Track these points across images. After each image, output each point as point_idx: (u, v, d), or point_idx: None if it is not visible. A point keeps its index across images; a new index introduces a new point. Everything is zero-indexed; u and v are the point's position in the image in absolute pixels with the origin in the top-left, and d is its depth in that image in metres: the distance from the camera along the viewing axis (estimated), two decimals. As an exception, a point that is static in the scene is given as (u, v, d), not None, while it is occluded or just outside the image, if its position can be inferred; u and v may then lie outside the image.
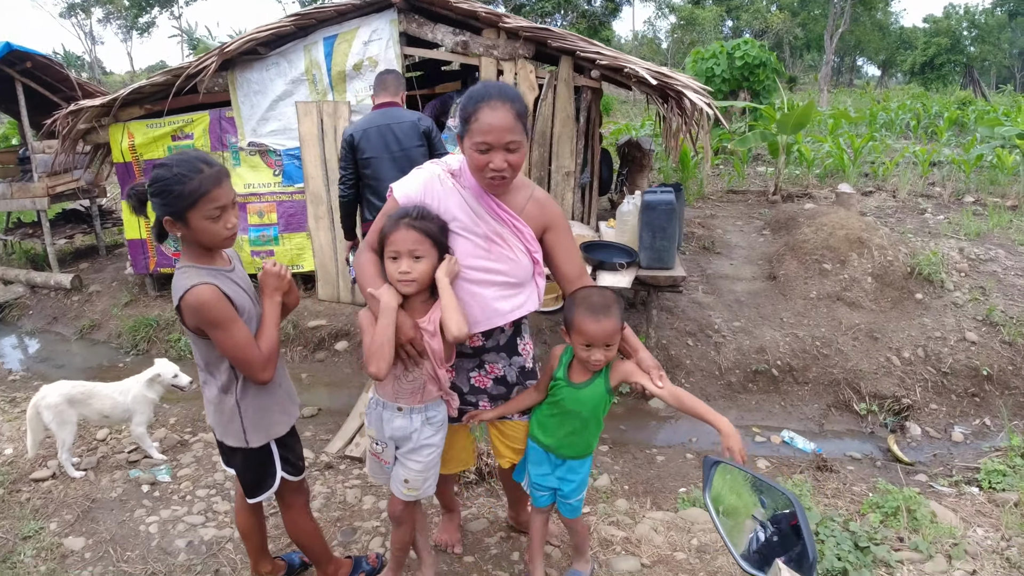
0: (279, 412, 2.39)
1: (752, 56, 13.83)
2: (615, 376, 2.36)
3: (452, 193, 2.30)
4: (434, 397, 2.38)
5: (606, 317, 2.23)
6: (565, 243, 2.42)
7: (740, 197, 9.59)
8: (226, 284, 2.16)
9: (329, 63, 5.79)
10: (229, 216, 2.12)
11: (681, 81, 5.10)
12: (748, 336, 5.49)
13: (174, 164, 2.04)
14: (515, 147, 2.15)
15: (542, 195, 2.42)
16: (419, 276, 2.16)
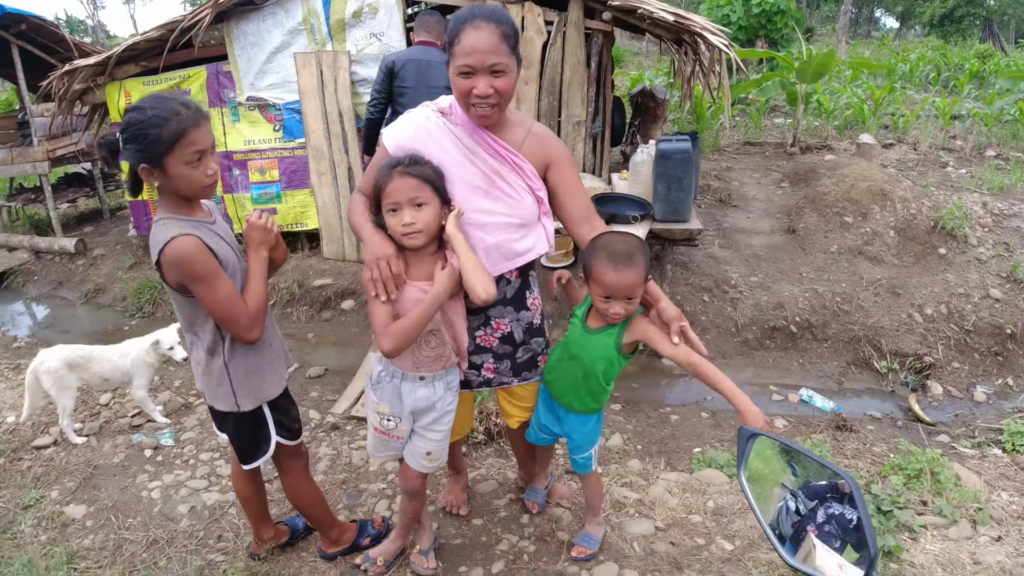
0: (270, 372, 2.26)
1: (770, 3, 13.38)
2: (630, 333, 2.17)
3: (444, 133, 2.13)
4: (454, 362, 2.26)
5: (628, 267, 2.04)
6: (570, 181, 2.23)
7: (757, 149, 9.30)
8: (208, 236, 2.02)
9: (327, 11, 5.55)
10: (209, 161, 1.97)
11: (699, 23, 4.84)
12: (766, 292, 5.31)
13: (148, 106, 1.88)
14: (501, 70, 1.96)
15: (542, 129, 2.24)
16: (425, 226, 2.01)
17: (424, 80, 4.55)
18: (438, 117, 2.17)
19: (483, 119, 2.06)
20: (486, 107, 2.00)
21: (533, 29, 5.19)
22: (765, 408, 4.43)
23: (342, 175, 5.90)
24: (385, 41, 5.53)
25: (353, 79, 5.68)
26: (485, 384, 2.46)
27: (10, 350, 5.84)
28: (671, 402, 4.47)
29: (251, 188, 6.28)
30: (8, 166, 7.86)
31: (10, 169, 7.92)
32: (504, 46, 1.94)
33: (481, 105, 2.00)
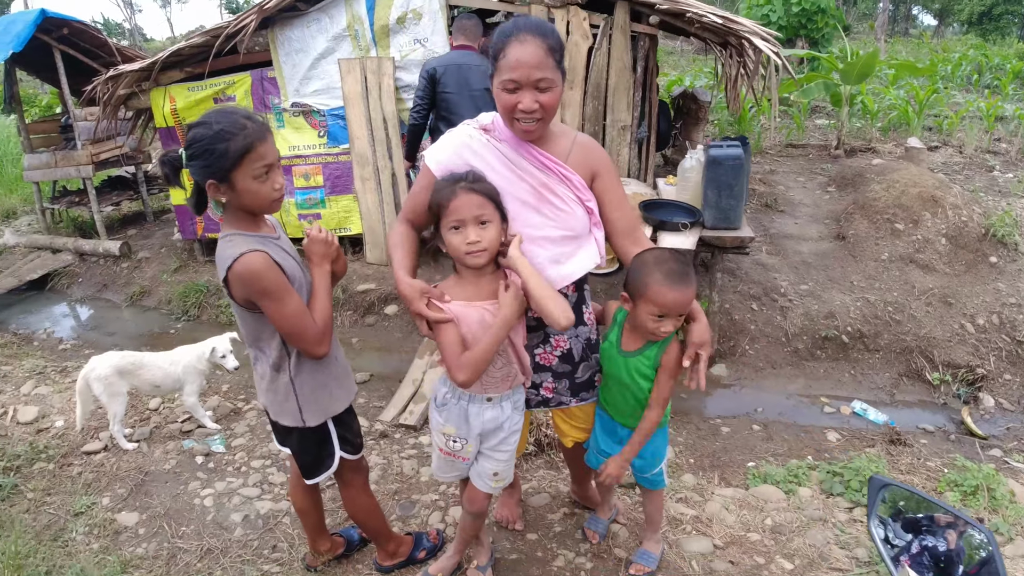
0: (336, 388, 2.24)
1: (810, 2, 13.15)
2: (668, 357, 2.16)
3: (487, 149, 2.09)
4: (520, 381, 2.22)
5: (686, 285, 2.03)
6: (615, 191, 2.19)
7: (800, 151, 9.14)
8: (275, 251, 2.00)
9: (372, 17, 5.54)
10: (276, 175, 1.95)
11: (747, 26, 4.75)
12: (816, 300, 5.19)
13: (214, 121, 1.86)
14: (546, 85, 1.92)
15: (585, 139, 2.19)
16: (490, 244, 1.96)
17: (466, 84, 4.63)
18: (480, 134, 2.13)
19: (527, 134, 2.03)
20: (531, 122, 1.97)
21: (578, 34, 5.13)
22: (816, 420, 4.34)
23: (386, 181, 5.90)
24: (429, 47, 5.51)
25: (397, 85, 5.67)
26: (543, 404, 2.42)
27: (56, 352, 5.91)
28: (721, 413, 4.38)
29: (295, 193, 6.30)
30: (52, 169, 7.99)
31: (54, 172, 8.05)
32: (550, 60, 1.91)
33: (526, 120, 1.97)
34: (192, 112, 6.38)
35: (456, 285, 2.07)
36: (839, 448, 4.08)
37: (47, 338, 6.31)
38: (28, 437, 3.96)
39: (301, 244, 2.15)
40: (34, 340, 6.26)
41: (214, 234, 6.82)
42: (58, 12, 7.33)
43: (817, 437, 4.18)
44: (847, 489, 3.31)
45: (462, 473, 2.38)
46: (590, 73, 5.23)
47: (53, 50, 7.45)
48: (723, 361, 4.80)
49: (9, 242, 8.43)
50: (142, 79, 6.33)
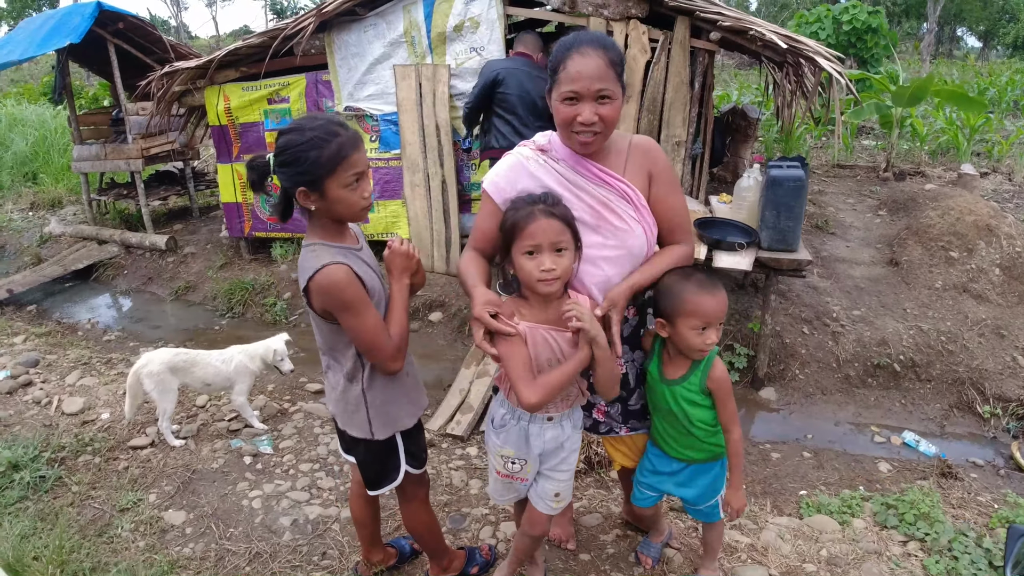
0: (407, 403, 2.21)
1: (861, 21, 12.97)
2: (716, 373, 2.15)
3: (545, 171, 2.06)
4: (579, 401, 2.19)
5: (720, 291, 2.07)
6: (667, 191, 2.13)
7: (848, 172, 9.01)
8: (357, 264, 1.98)
9: (429, 24, 5.55)
10: (365, 184, 1.93)
11: (811, 46, 4.67)
12: (868, 327, 5.07)
13: (307, 128, 1.84)
14: (607, 96, 1.89)
15: (641, 140, 2.14)
16: (563, 272, 1.92)
17: (526, 89, 4.75)
18: (537, 155, 2.10)
19: (585, 147, 1.99)
20: (589, 135, 1.94)
21: (637, 47, 5.08)
22: (867, 450, 4.24)
23: (435, 188, 5.89)
24: (485, 55, 5.49)
25: (451, 92, 5.66)
26: (593, 429, 2.39)
27: (101, 343, 5.98)
28: (770, 438, 4.29)
29: (345, 196, 6.31)
30: (101, 161, 8.12)
31: (103, 164, 8.18)
32: (611, 72, 1.89)
33: (584, 133, 1.94)
34: (245, 111, 6.44)
35: (521, 306, 2.02)
36: (890, 479, 3.98)
37: (91, 328, 6.39)
38: (74, 429, 3.99)
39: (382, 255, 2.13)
40: (78, 330, 6.35)
41: (261, 233, 6.88)
42: (115, 6, 7.45)
43: (868, 467, 4.08)
44: (901, 522, 3.23)
45: (520, 495, 2.33)
46: (647, 87, 5.18)
47: (107, 43, 7.56)
48: (772, 384, 4.71)
49: (55, 231, 8.58)
50: (197, 77, 6.41)
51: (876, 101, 8.67)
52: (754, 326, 4.79)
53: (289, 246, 6.84)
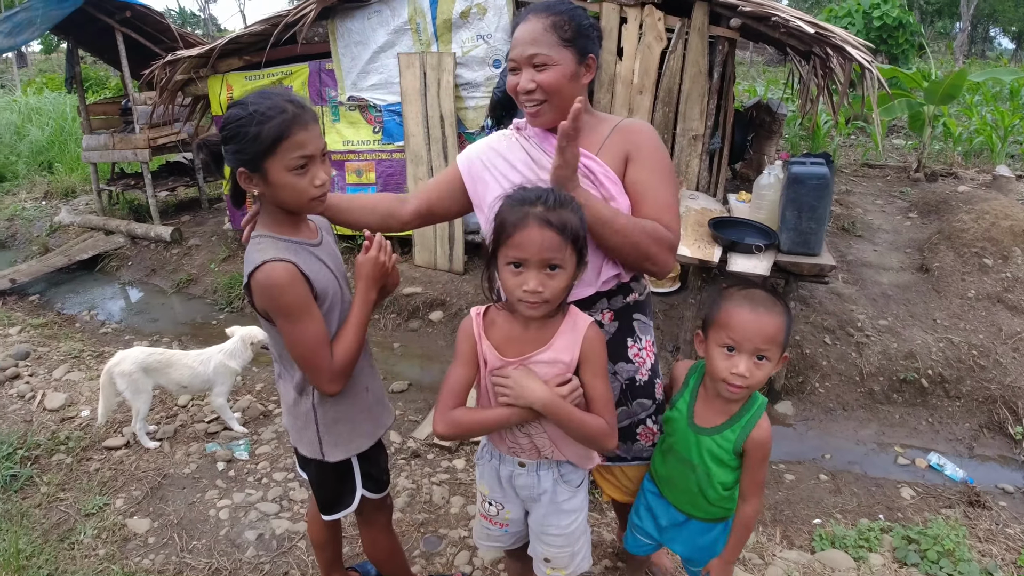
0: (365, 421, 1.95)
1: (892, 17, 12.59)
2: (759, 434, 1.74)
3: (513, 149, 1.89)
4: (557, 458, 1.80)
5: (767, 311, 1.64)
6: (646, 175, 1.81)
7: (877, 172, 8.62)
8: (308, 262, 1.72)
9: (434, 11, 5.31)
10: (317, 170, 1.66)
11: (839, 35, 4.35)
12: (895, 338, 4.73)
13: (251, 102, 1.61)
14: (542, 62, 1.71)
15: (631, 123, 1.88)
16: (553, 295, 1.54)
17: None
18: (512, 132, 1.94)
19: (533, 118, 1.82)
20: (532, 105, 1.76)
21: (652, 35, 4.79)
22: (889, 473, 3.93)
23: (438, 181, 5.65)
24: (492, 43, 5.25)
25: (457, 82, 5.43)
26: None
27: (96, 335, 5.85)
28: (785, 458, 3.98)
29: (347, 190, 6.12)
30: (110, 151, 8.02)
31: (112, 154, 8.07)
32: (549, 36, 1.71)
33: (528, 103, 1.76)
34: (248, 101, 6.25)
35: (500, 318, 1.70)
36: (913, 507, 3.66)
37: (89, 320, 6.27)
38: (52, 425, 3.85)
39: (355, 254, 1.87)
40: (76, 321, 6.23)
41: (263, 226, 6.69)
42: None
43: (890, 492, 3.77)
44: (923, 560, 2.92)
45: (502, 544, 2.00)
46: (662, 77, 4.89)
47: (115, 32, 7.44)
48: (790, 398, 4.39)
49: (64, 220, 8.50)
50: (200, 65, 6.23)
51: (908, 98, 8.28)
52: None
53: (292, 240, 6.65)
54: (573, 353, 1.62)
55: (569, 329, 1.64)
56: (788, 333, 1.67)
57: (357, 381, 1.89)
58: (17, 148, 11.59)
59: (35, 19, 6.90)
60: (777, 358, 1.67)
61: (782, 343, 1.65)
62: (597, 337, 1.66)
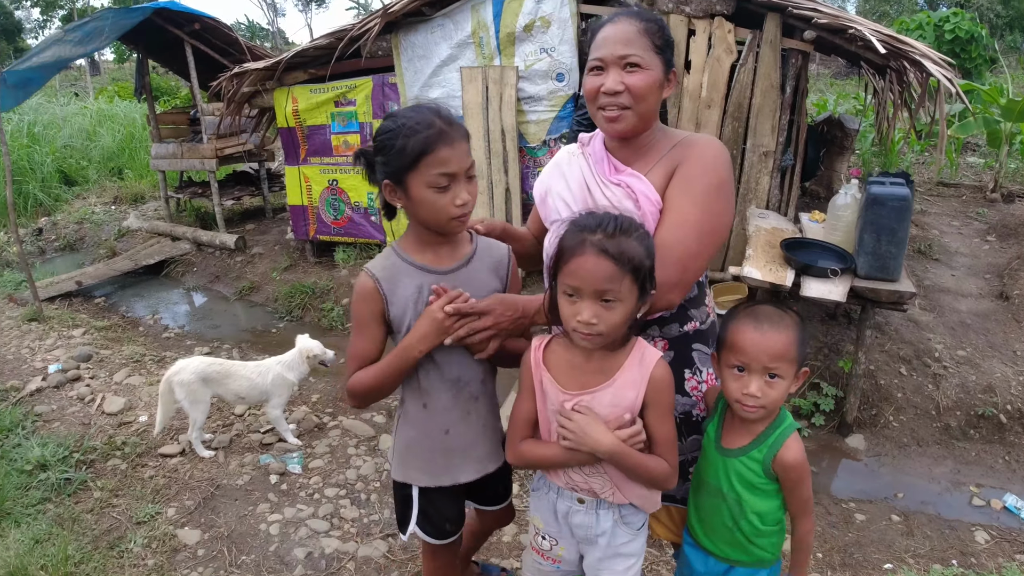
0: (433, 461, 1.85)
1: (964, 30, 12.13)
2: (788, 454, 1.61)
3: (571, 165, 1.80)
4: (620, 501, 1.70)
5: (774, 327, 1.55)
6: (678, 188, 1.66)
7: (952, 191, 8.23)
8: (403, 286, 1.69)
9: (498, 24, 5.27)
10: (460, 189, 1.61)
11: (919, 49, 4.14)
12: (974, 370, 4.45)
13: (401, 115, 1.62)
14: (636, 63, 1.59)
15: (691, 137, 1.74)
16: (608, 329, 1.46)
17: None
18: (576, 147, 1.83)
19: (612, 124, 1.66)
20: (614, 109, 1.62)
21: (722, 48, 4.64)
22: (964, 514, 3.67)
23: (499, 196, 5.60)
24: (556, 57, 5.17)
25: (519, 96, 5.37)
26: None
27: (159, 340, 5.95)
28: (856, 496, 3.75)
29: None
30: (178, 160, 8.23)
31: (179, 163, 8.29)
32: (643, 39, 1.61)
33: (609, 107, 1.62)
34: (312, 113, 6.33)
35: (563, 348, 1.61)
36: (987, 552, 3.41)
37: (153, 324, 6.40)
38: (109, 430, 3.91)
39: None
40: (140, 325, 6.36)
41: (325, 236, 6.79)
42: (189, 7, 7.52)
43: (964, 536, 3.51)
44: (996, 609, 2.69)
45: None
46: (732, 91, 4.73)
47: (184, 44, 7.64)
48: (862, 432, 4.16)
49: (132, 226, 8.75)
50: (266, 78, 6.34)
51: (984, 115, 7.90)
52: (845, 364, 4.24)
53: (351, 251, 6.70)
54: (638, 391, 1.53)
55: (635, 364, 1.54)
56: (801, 347, 1.58)
57: (434, 419, 1.80)
58: (89, 153, 12.02)
59: (104, 28, 7.10)
60: (791, 375, 1.59)
61: (794, 359, 1.57)
62: (665, 377, 1.56)
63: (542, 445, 1.65)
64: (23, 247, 6.38)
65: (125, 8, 7.26)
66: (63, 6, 37.43)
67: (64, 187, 10.98)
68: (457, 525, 1.99)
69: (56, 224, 9.64)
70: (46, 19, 39.05)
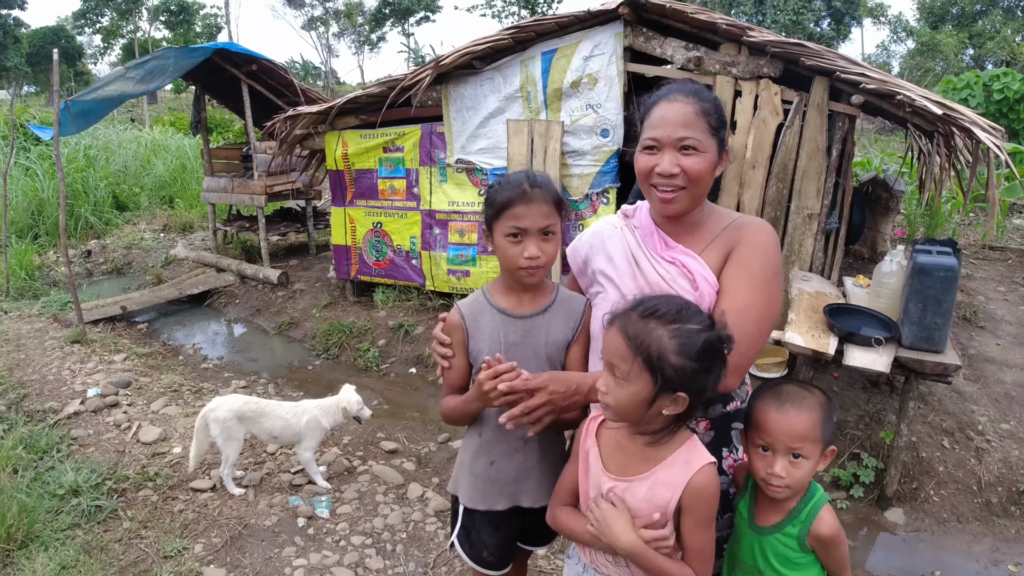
0: (475, 484, 1.99)
1: (1013, 90, 11.95)
2: (822, 528, 1.60)
3: (616, 238, 1.80)
4: None
5: (796, 407, 1.56)
6: (733, 281, 1.67)
7: (998, 255, 8.05)
8: (484, 323, 1.89)
9: (546, 79, 5.37)
10: (530, 244, 1.78)
11: (968, 116, 4.10)
12: (1018, 444, 4.30)
13: (505, 176, 1.88)
14: (692, 146, 1.60)
15: (745, 219, 1.76)
16: (615, 403, 1.46)
17: None
18: (619, 219, 1.85)
19: (665, 205, 1.67)
20: (669, 190, 1.64)
21: (768, 109, 4.66)
22: (1004, 593, 3.52)
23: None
24: (602, 113, 5.24)
25: (564, 150, 5.44)
26: None
27: (197, 370, 6.05)
28: (892, 572, 3.62)
29: (448, 248, 6.23)
30: (229, 194, 8.47)
31: (229, 197, 8.52)
32: (701, 122, 1.62)
33: (663, 187, 1.64)
34: (361, 158, 6.49)
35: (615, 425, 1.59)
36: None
37: (193, 354, 6.52)
38: (143, 459, 3.97)
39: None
40: (180, 354, 6.48)
41: (366, 277, 6.89)
42: (248, 49, 7.83)
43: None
44: None
45: None
46: (777, 153, 4.72)
47: (241, 83, 7.92)
48: (902, 505, 4.02)
49: (179, 254, 8.98)
50: (319, 122, 6.53)
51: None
52: (887, 436, 4.14)
53: (391, 292, 6.76)
54: (674, 493, 1.49)
55: (679, 463, 1.50)
56: (826, 427, 1.58)
57: (484, 449, 1.95)
58: (142, 180, 12.41)
59: (167, 67, 7.43)
60: (816, 454, 1.58)
61: (819, 439, 1.57)
62: (708, 486, 1.49)
63: (575, 517, 1.65)
64: (71, 268, 6.56)
65: (187, 48, 7.56)
66: (123, 35, 39.22)
67: (116, 211, 11.34)
68: (497, 558, 2.05)
69: (105, 247, 9.95)
70: (107, 46, 40.94)
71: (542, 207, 1.78)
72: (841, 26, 29.33)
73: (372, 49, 43.71)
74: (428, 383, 5.65)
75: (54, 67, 5.59)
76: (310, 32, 42.52)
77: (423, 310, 6.52)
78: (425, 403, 5.32)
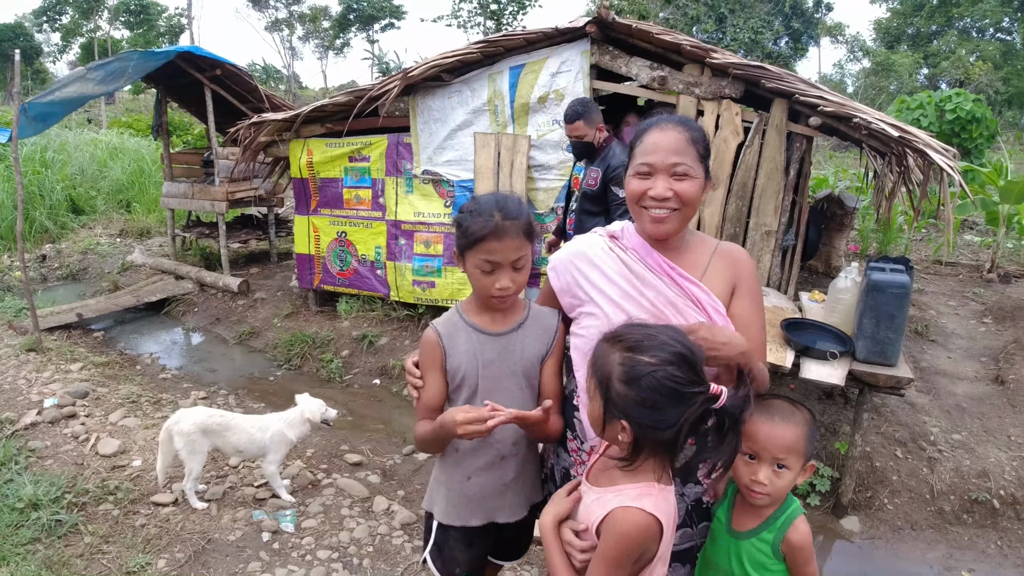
0: (451, 499, 2.01)
1: (966, 110, 12.37)
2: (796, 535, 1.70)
3: (609, 258, 1.85)
4: None
5: (784, 420, 1.68)
6: (748, 308, 1.85)
7: (949, 270, 8.33)
8: (460, 341, 1.91)
9: (513, 94, 5.43)
10: (501, 276, 1.83)
11: (922, 139, 4.27)
12: (969, 454, 4.47)
13: (479, 199, 1.89)
14: (684, 172, 1.70)
15: (729, 247, 1.90)
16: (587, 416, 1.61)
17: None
18: (605, 241, 1.89)
19: (657, 225, 1.75)
20: (663, 211, 1.72)
21: (728, 129, 4.78)
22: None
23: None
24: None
25: (530, 164, 5.51)
26: None
27: (156, 380, 5.93)
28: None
29: (414, 259, 6.22)
30: (189, 200, 8.34)
31: (189, 203, 8.39)
32: (691, 149, 1.72)
33: (658, 209, 1.72)
34: (326, 167, 6.45)
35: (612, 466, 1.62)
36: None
37: (151, 364, 6.39)
38: (103, 472, 3.90)
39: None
40: (138, 364, 6.35)
41: (329, 286, 6.84)
42: (211, 52, 7.71)
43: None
44: None
45: None
46: (737, 171, 4.85)
47: (204, 88, 7.82)
48: (857, 513, 4.16)
49: (137, 260, 8.80)
50: (284, 129, 6.48)
51: (982, 196, 8.06)
52: (841, 446, 4.27)
53: (355, 302, 6.73)
54: (599, 517, 1.52)
55: (620, 494, 1.53)
56: (809, 443, 1.71)
57: (460, 464, 1.96)
58: (98, 184, 12.11)
59: (127, 68, 7.28)
60: (798, 467, 1.71)
61: (802, 452, 1.70)
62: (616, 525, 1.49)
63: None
64: (27, 273, 6.39)
65: (150, 51, 7.44)
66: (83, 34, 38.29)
67: (72, 215, 11.05)
68: (459, 569, 2.07)
69: (60, 252, 9.70)
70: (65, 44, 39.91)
71: (514, 241, 1.80)
72: (799, 45, 30.04)
73: (337, 54, 43.36)
74: (392, 394, 5.63)
75: (15, 68, 5.44)
76: (273, 35, 42.04)
77: (387, 320, 6.50)
78: (389, 415, 5.30)
